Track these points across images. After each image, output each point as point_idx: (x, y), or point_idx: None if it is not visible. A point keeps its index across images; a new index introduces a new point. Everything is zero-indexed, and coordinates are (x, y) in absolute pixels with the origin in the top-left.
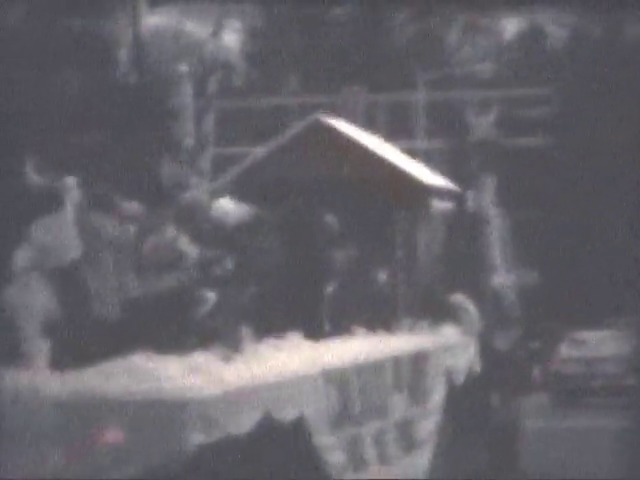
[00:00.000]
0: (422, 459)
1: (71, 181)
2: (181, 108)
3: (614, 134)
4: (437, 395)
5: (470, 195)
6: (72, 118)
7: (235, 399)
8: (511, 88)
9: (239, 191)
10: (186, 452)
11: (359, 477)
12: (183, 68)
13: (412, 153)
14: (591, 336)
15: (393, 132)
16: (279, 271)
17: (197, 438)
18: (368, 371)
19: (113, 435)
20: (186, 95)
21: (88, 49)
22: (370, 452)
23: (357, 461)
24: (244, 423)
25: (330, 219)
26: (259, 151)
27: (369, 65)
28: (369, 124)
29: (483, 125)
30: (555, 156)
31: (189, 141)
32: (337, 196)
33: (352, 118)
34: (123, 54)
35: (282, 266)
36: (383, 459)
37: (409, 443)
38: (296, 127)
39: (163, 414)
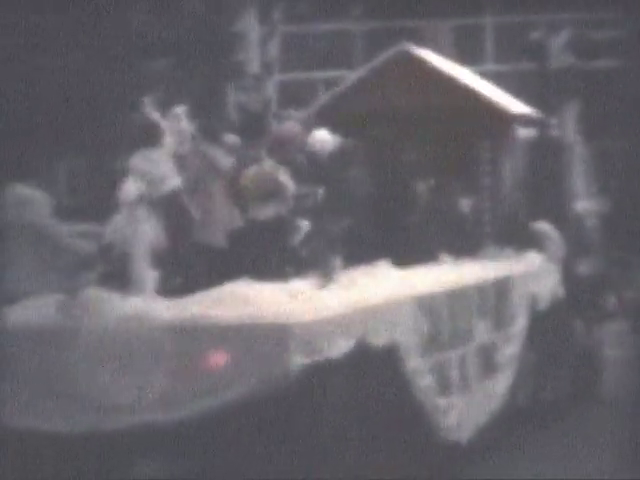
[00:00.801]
0: (503, 383)
1: (179, 111)
2: (246, 34)
3: None
4: (521, 321)
5: (553, 122)
6: (140, 46)
7: (333, 324)
8: (583, 11)
9: (326, 121)
10: (289, 374)
11: (444, 400)
12: None
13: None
14: None
15: (462, 56)
16: (367, 201)
17: (299, 360)
18: (455, 298)
19: (219, 358)
20: (251, 21)
21: None
22: (454, 376)
23: (443, 385)
24: (341, 347)
25: (415, 150)
26: (345, 80)
27: None
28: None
29: (555, 48)
30: (630, 80)
31: (254, 67)
32: (423, 126)
33: (435, 48)
34: None
35: (370, 196)
36: (465, 383)
37: (490, 367)
38: (382, 56)
39: (268, 337)
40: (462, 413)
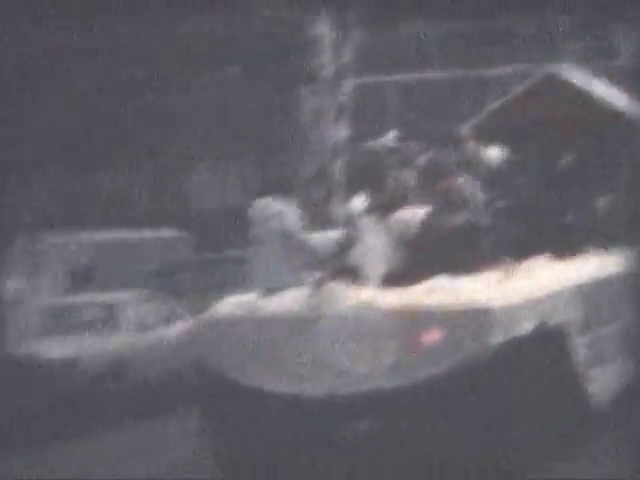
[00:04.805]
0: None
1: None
2: (319, 37)
3: None
4: None
5: None
6: (211, 52)
7: (520, 308)
8: None
9: (481, 137)
10: (490, 350)
11: (594, 371)
12: None
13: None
14: None
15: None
16: (532, 204)
17: (497, 339)
18: (602, 285)
19: (434, 336)
20: (324, 24)
21: None
22: (602, 350)
23: (594, 358)
24: (526, 327)
25: (569, 159)
26: (497, 102)
27: None
28: None
29: None
30: None
31: (328, 72)
32: (570, 138)
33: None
34: None
35: (530, 200)
36: (609, 357)
37: (630, 345)
38: (532, 78)
39: (473, 319)
40: (604, 383)
